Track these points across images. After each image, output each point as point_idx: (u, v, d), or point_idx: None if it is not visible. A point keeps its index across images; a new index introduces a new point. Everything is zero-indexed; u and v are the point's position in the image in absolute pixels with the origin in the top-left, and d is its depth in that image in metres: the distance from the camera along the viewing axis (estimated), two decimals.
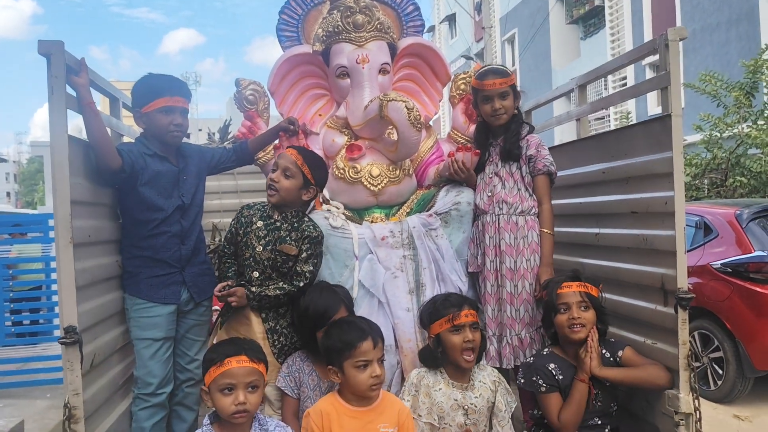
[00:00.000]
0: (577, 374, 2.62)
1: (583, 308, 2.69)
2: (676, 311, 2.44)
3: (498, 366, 2.97)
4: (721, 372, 5.19)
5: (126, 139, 3.21)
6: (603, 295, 2.81)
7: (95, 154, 2.52)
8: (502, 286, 3.04)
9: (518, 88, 3.16)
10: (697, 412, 2.43)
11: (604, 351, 2.72)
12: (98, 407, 2.44)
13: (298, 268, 2.81)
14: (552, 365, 2.67)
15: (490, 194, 3.15)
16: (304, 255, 2.82)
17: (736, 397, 5.11)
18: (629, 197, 2.83)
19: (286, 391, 2.70)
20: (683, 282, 2.42)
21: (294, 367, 2.74)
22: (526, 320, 3.00)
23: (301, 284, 2.79)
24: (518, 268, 3.02)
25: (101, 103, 3.00)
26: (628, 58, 2.96)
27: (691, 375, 2.43)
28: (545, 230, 3.06)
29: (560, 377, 2.64)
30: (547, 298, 2.80)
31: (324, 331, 2.53)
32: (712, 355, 5.30)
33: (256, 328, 2.79)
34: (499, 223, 3.08)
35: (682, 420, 2.44)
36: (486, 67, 3.19)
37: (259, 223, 2.86)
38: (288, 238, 2.82)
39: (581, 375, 2.59)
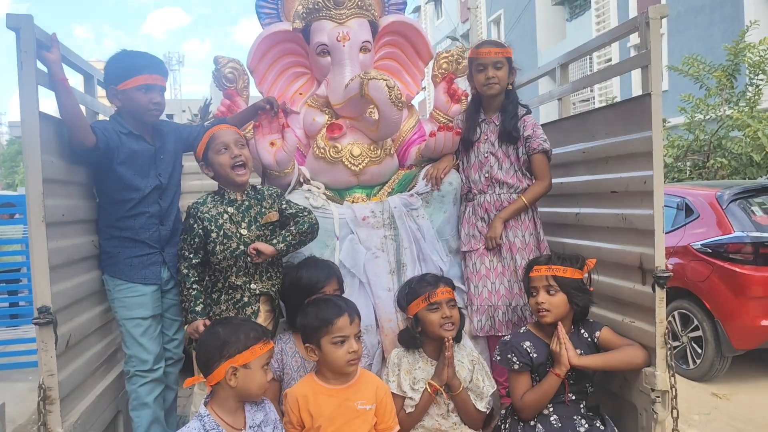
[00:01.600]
0: (553, 366, 2.59)
1: (550, 293, 2.64)
2: (654, 290, 2.45)
3: None
4: (700, 351, 5.28)
5: (101, 117, 3.15)
6: (591, 276, 2.74)
7: (68, 131, 2.47)
8: (512, 259, 3.08)
9: (514, 65, 3.15)
10: (673, 389, 2.46)
11: (582, 331, 2.73)
12: (74, 388, 2.42)
13: (292, 219, 2.82)
14: (527, 343, 2.68)
15: (487, 175, 3.16)
16: (285, 207, 2.85)
17: (714, 376, 5.21)
18: (609, 177, 2.84)
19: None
20: (661, 261, 2.44)
21: (276, 349, 2.72)
22: None
23: (311, 214, 2.85)
24: (528, 243, 3.09)
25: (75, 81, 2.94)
26: (610, 37, 2.95)
27: (668, 353, 2.45)
28: (522, 197, 3.08)
29: (534, 355, 2.64)
30: (523, 279, 2.81)
31: (300, 309, 2.52)
32: (692, 335, 5.38)
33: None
34: (502, 202, 3.12)
35: (658, 397, 2.46)
36: (482, 40, 3.20)
37: (230, 209, 2.77)
38: (263, 209, 2.81)
39: (557, 369, 2.57)
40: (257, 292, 2.77)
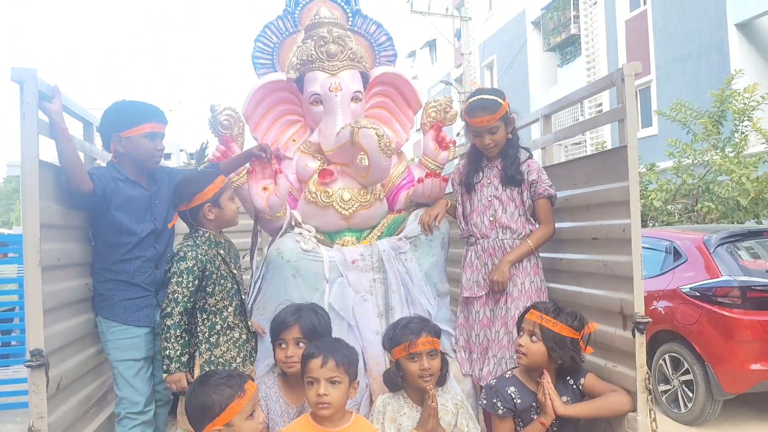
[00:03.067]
0: (539, 415, 2.62)
1: (532, 339, 2.68)
2: (634, 335, 2.51)
3: None
4: (691, 395, 5.27)
5: (98, 163, 3.24)
6: (588, 336, 2.71)
7: (67, 177, 2.56)
8: (516, 308, 3.02)
9: (510, 114, 3.11)
10: None
11: (568, 378, 2.77)
12: (65, 429, 2.44)
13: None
14: (512, 388, 2.71)
15: (491, 219, 3.14)
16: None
17: (706, 420, 5.19)
18: (590, 224, 2.92)
19: None
20: (640, 307, 2.50)
21: (260, 395, 2.76)
22: None
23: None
24: (527, 290, 3.05)
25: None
26: (589, 91, 3.07)
27: (649, 397, 2.49)
28: (528, 240, 3.05)
29: (518, 401, 2.67)
30: (518, 318, 2.84)
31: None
32: (683, 378, 5.38)
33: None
34: (505, 248, 3.10)
35: None
36: (475, 99, 3.12)
37: (221, 251, 2.88)
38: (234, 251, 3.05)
39: (543, 418, 2.59)
40: (252, 329, 2.92)
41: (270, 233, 3.38)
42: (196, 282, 2.73)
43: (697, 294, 5.31)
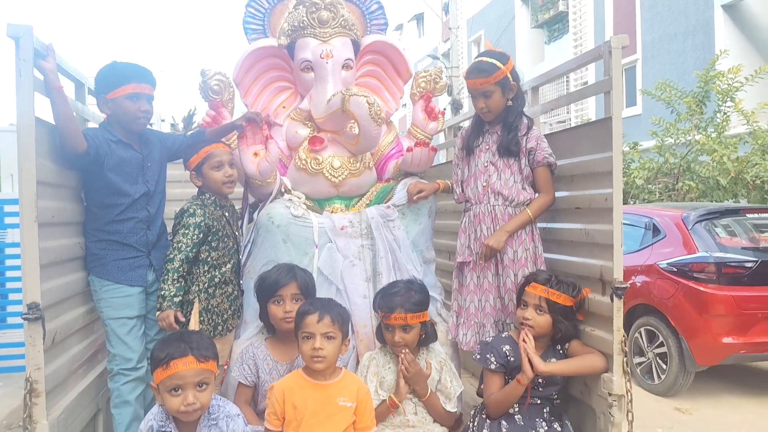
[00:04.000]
0: (519, 375, 2.71)
1: (538, 311, 2.79)
2: (612, 300, 2.61)
3: None
4: (665, 366, 5.44)
5: (91, 125, 3.25)
6: (585, 301, 2.86)
7: (61, 136, 2.57)
8: (506, 276, 3.04)
9: (512, 81, 3.03)
10: (629, 393, 2.60)
11: (557, 345, 2.89)
12: (58, 384, 2.50)
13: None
14: (507, 347, 2.82)
15: (485, 184, 3.10)
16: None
17: (678, 391, 5.36)
18: (574, 194, 2.99)
19: (240, 380, 2.81)
20: (619, 273, 2.60)
21: (248, 356, 2.85)
22: None
23: None
24: (519, 258, 3.04)
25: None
26: (576, 63, 3.13)
27: (624, 359, 2.60)
28: (528, 210, 3.02)
29: (511, 359, 2.78)
30: (518, 289, 2.91)
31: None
32: (657, 351, 5.55)
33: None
34: (495, 214, 3.06)
35: (615, 401, 2.61)
36: (476, 60, 3.08)
37: (226, 214, 3.12)
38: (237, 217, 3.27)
39: (521, 376, 2.69)
40: (242, 288, 3.07)
41: (260, 199, 3.43)
42: (201, 236, 2.91)
43: (674, 269, 5.46)
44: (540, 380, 2.77)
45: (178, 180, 4.62)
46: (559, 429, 2.77)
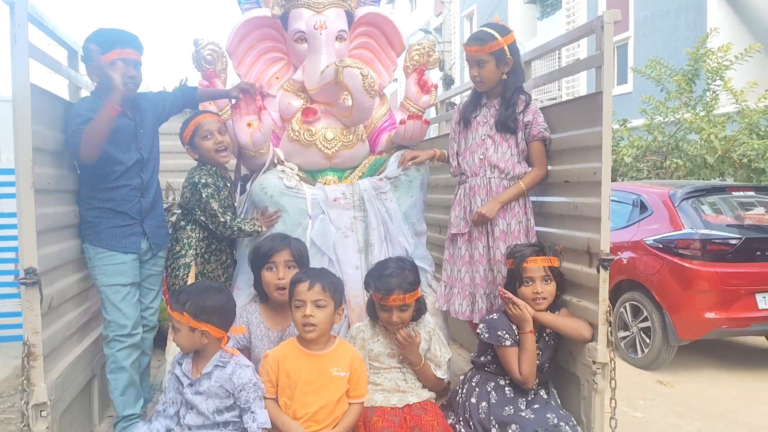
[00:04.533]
0: (521, 329, 2.81)
1: (545, 282, 2.88)
2: (599, 271, 2.67)
3: None
4: (648, 341, 5.56)
5: (83, 93, 3.24)
6: (562, 262, 2.97)
7: (85, 142, 2.65)
8: (496, 248, 3.09)
9: (508, 55, 3.04)
10: (612, 362, 2.69)
11: (547, 311, 2.95)
12: (55, 348, 2.54)
13: None
14: (507, 322, 2.89)
15: (481, 157, 3.14)
16: None
17: (660, 364, 5.49)
18: (563, 168, 3.03)
19: (232, 344, 2.85)
20: (606, 245, 2.66)
21: (242, 320, 2.89)
22: None
23: None
24: (512, 230, 3.09)
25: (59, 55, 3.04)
26: (569, 38, 3.15)
27: (608, 329, 2.68)
28: (521, 182, 3.06)
29: (518, 336, 2.85)
30: (513, 268, 2.92)
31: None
32: (641, 325, 5.66)
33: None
34: (490, 186, 3.11)
35: (599, 369, 2.69)
36: (479, 29, 3.13)
37: (228, 185, 3.25)
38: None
39: (526, 327, 2.79)
40: (235, 257, 3.14)
41: (252, 170, 3.45)
42: (225, 192, 3.15)
43: (660, 246, 5.55)
44: (538, 351, 2.85)
45: (170, 151, 4.65)
46: (545, 396, 2.86)
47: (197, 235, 3.12)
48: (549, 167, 3.16)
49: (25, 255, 2.27)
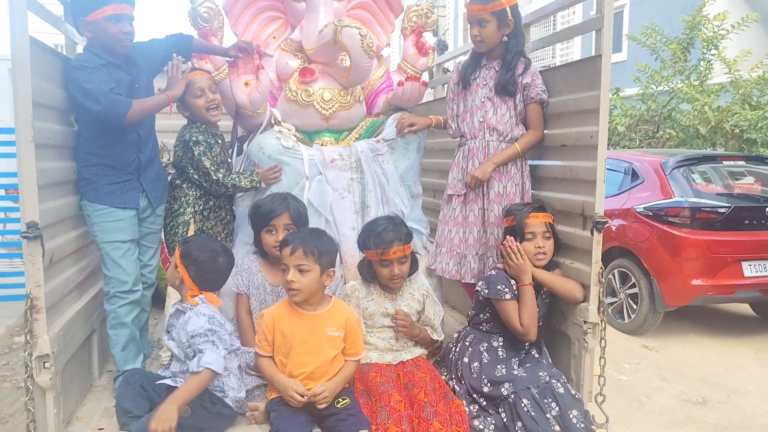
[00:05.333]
0: (520, 281, 2.86)
1: (546, 238, 2.93)
2: (592, 234, 2.72)
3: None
4: (635, 307, 5.67)
5: (79, 48, 3.20)
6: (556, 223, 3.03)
7: (131, 114, 2.73)
8: (490, 210, 3.14)
9: (509, 17, 3.05)
10: (603, 322, 2.75)
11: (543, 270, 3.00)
12: (56, 302, 2.56)
13: None
14: (505, 276, 2.94)
15: (481, 119, 3.16)
16: None
17: (646, 330, 5.62)
18: (560, 131, 3.05)
19: (234, 289, 2.93)
20: (600, 208, 2.69)
21: (243, 266, 2.95)
22: None
23: None
24: (507, 193, 3.13)
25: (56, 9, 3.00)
26: (568, 0, 3.14)
27: (600, 290, 2.73)
28: (516, 144, 3.10)
29: (516, 290, 2.90)
30: (515, 224, 2.94)
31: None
32: (629, 292, 5.77)
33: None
34: (488, 149, 3.14)
35: (589, 329, 2.75)
36: None
37: (219, 141, 3.25)
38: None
39: (525, 279, 2.85)
40: (234, 213, 3.18)
41: (249, 130, 3.44)
42: (217, 149, 3.15)
43: (650, 213, 5.62)
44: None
45: (164, 111, 4.61)
46: (537, 355, 2.93)
47: (194, 193, 3.16)
48: (546, 131, 3.18)
49: (27, 209, 2.27)
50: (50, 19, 2.80)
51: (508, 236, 2.94)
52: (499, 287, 2.89)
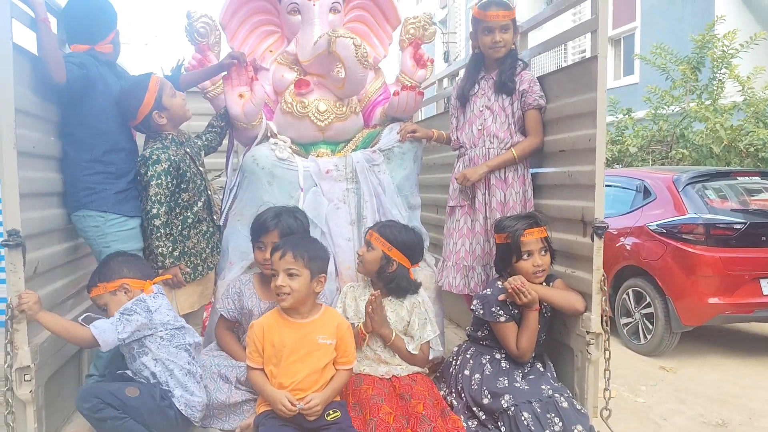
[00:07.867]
0: (527, 306, 2.73)
1: (543, 253, 2.81)
2: (593, 239, 2.63)
3: None
4: (651, 327, 5.50)
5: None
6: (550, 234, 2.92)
7: (45, 68, 2.55)
8: (493, 219, 3.06)
9: (518, 24, 3.16)
10: (606, 333, 2.64)
11: (542, 283, 2.89)
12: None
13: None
14: (503, 296, 2.81)
15: (480, 128, 3.15)
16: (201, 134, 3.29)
17: (663, 351, 5.43)
18: (558, 137, 2.99)
19: (222, 313, 2.86)
20: (600, 212, 2.61)
21: (233, 290, 2.88)
22: None
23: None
24: (507, 200, 3.08)
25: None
26: (565, 4, 3.10)
27: (602, 298, 2.63)
28: (513, 149, 3.05)
29: (514, 311, 2.79)
30: (510, 242, 2.82)
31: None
32: (644, 311, 5.60)
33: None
34: (489, 157, 3.11)
35: (592, 339, 2.64)
36: None
37: (187, 149, 3.00)
38: (195, 144, 3.16)
39: (533, 306, 2.72)
40: (218, 223, 3.02)
41: (244, 143, 3.42)
42: (174, 181, 2.85)
43: (663, 231, 5.48)
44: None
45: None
46: (542, 369, 2.81)
47: (171, 213, 2.90)
48: (545, 137, 3.12)
49: (8, 217, 2.24)
50: (33, 26, 2.80)
51: (513, 276, 2.78)
52: (493, 309, 2.80)
